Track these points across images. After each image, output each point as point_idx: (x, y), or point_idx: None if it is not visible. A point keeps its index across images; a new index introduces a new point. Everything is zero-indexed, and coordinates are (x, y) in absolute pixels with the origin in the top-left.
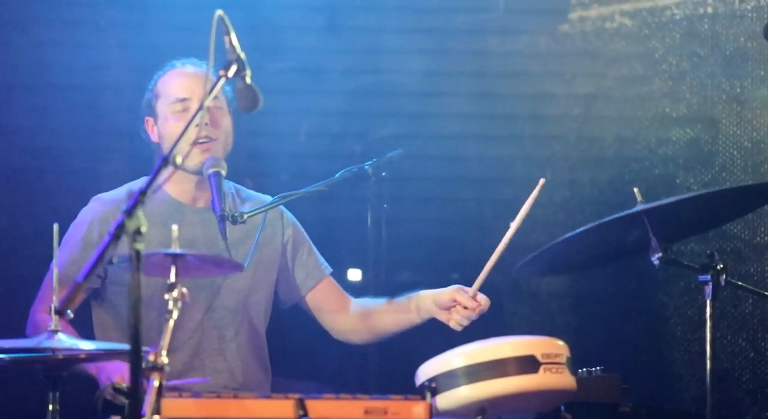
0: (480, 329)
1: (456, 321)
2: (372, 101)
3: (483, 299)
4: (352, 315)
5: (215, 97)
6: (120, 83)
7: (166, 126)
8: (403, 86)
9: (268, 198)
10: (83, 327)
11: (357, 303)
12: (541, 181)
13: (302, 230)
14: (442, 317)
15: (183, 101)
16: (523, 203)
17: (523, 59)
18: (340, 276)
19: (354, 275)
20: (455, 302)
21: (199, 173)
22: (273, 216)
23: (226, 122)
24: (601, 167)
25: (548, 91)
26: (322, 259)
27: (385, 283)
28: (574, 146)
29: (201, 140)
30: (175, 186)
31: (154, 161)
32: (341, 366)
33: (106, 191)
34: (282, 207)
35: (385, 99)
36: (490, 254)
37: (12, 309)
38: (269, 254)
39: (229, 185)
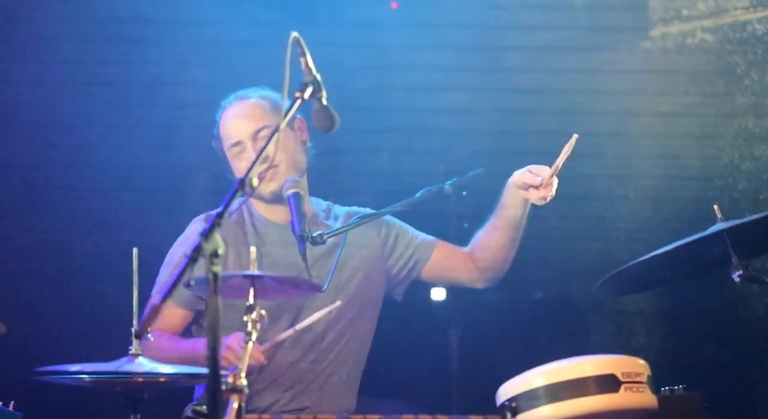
0: (564, 347)
1: (535, 199)
2: (453, 119)
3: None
4: (474, 262)
5: (265, 128)
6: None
7: (233, 166)
8: (484, 104)
9: (363, 211)
10: None
11: (471, 247)
12: (575, 136)
13: (395, 220)
14: (530, 196)
15: (237, 145)
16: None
17: (605, 76)
18: (424, 295)
19: (437, 294)
20: (527, 185)
21: (279, 198)
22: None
23: (287, 142)
24: (684, 183)
25: (630, 108)
26: (423, 234)
27: (467, 302)
28: (657, 163)
29: (262, 174)
30: (268, 210)
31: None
32: (425, 385)
33: (187, 216)
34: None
35: (466, 117)
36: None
37: (93, 333)
38: (369, 264)
39: (319, 204)
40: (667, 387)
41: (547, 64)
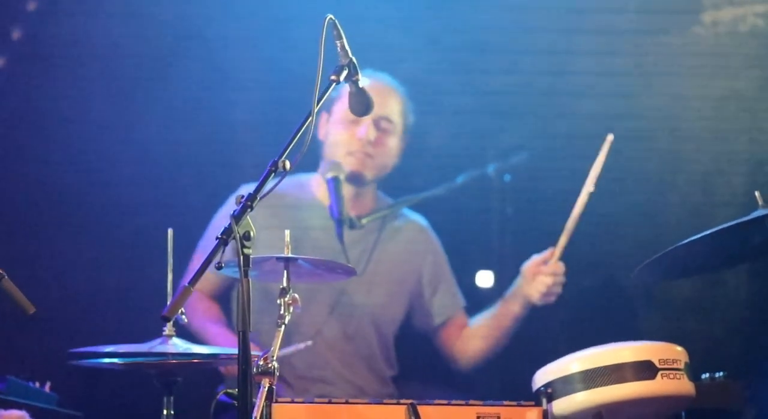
0: (610, 334)
1: (538, 290)
2: (502, 102)
3: (560, 266)
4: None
5: (386, 119)
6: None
7: (334, 128)
8: (533, 87)
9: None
10: None
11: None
12: (609, 137)
13: (444, 257)
14: (529, 291)
15: None
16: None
17: (655, 61)
18: (469, 280)
19: (483, 280)
20: (536, 266)
21: (353, 182)
22: (416, 233)
23: (393, 144)
24: (734, 169)
25: (680, 93)
26: (458, 290)
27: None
28: (707, 149)
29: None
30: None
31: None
32: (468, 372)
33: (224, 197)
34: (429, 227)
35: (513, 100)
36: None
37: (127, 314)
38: (403, 269)
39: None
40: (708, 375)
41: (598, 48)
